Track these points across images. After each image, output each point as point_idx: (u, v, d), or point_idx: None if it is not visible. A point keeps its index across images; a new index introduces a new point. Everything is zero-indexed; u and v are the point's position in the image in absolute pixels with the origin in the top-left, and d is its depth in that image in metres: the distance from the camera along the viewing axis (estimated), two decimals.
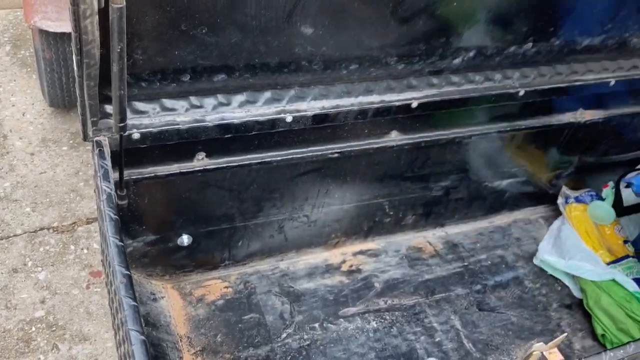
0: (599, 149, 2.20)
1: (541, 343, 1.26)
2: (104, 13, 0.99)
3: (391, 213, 2.01)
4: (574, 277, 2.10)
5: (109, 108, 1.23)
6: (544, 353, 1.22)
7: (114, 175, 1.26)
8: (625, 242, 2.18)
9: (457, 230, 2.20)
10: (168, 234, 1.66)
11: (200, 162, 1.52)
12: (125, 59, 1.04)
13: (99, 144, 1.21)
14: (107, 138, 1.23)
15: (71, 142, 3.11)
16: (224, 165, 1.55)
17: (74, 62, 1.03)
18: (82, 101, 1.18)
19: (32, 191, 2.82)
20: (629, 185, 2.17)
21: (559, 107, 1.95)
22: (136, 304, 0.93)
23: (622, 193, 2.26)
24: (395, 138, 1.76)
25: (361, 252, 2.06)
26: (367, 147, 1.73)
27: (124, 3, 0.97)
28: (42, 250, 2.62)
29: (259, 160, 1.59)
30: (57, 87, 3.06)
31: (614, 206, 2.24)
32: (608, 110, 2.05)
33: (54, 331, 2.34)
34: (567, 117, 1.99)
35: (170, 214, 1.61)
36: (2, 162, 2.93)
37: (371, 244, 2.08)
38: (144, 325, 1.54)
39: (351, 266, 2.01)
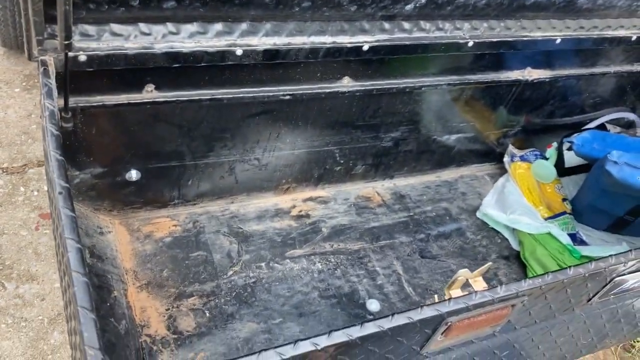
0: (545, 109, 2.28)
1: (466, 269, 1.33)
2: None
3: (341, 162, 2.05)
4: (513, 231, 2.20)
5: (55, 29, 1.22)
6: (469, 280, 1.29)
7: (59, 97, 1.25)
8: (564, 200, 2.28)
9: (405, 183, 2.26)
10: (116, 168, 1.67)
11: (150, 94, 1.52)
12: None
13: (43, 63, 1.20)
14: (52, 58, 1.23)
15: (24, 84, 3.04)
16: (174, 99, 1.55)
17: None
18: (26, 18, 1.16)
19: None
20: (570, 146, 2.26)
21: (507, 64, 2.01)
22: (79, 244, 0.94)
23: (565, 155, 2.36)
24: (347, 84, 1.79)
25: (311, 199, 2.10)
26: (319, 91, 1.75)
27: None
28: None
29: (209, 97, 1.60)
30: (9, 25, 2.97)
31: (556, 166, 2.34)
32: (554, 70, 2.12)
33: (0, 270, 2.32)
34: (515, 75, 2.06)
35: (118, 147, 1.61)
36: None
37: (321, 192, 2.12)
38: (89, 256, 1.55)
39: (300, 211, 2.05)
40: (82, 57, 1.27)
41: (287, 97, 1.71)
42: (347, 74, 1.76)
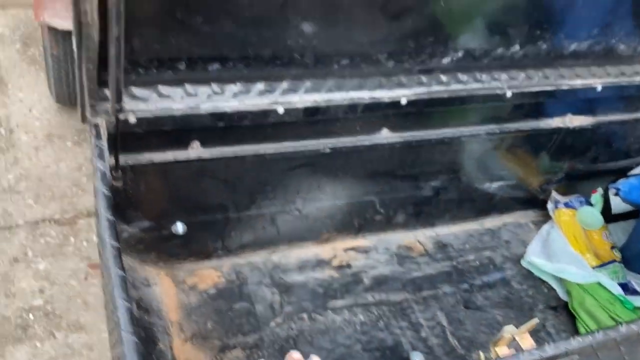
0: (588, 155, 2.25)
1: (512, 326, 1.31)
2: None
3: (382, 211, 2.06)
4: (560, 280, 2.14)
5: (107, 92, 1.29)
6: (516, 337, 1.26)
7: (110, 157, 1.31)
8: (613, 247, 2.22)
9: (447, 231, 2.24)
10: (163, 221, 1.72)
11: (195, 151, 1.57)
12: (123, 43, 1.10)
13: (96, 126, 1.27)
14: (104, 120, 1.29)
15: (76, 138, 3.18)
16: (218, 155, 1.60)
17: (74, 43, 1.09)
18: (81, 84, 1.24)
19: (36, 184, 2.89)
20: (617, 192, 2.21)
21: (547, 111, 2.00)
22: (128, 302, 0.98)
23: (611, 200, 2.30)
24: (386, 136, 1.81)
25: (352, 249, 2.10)
26: (358, 144, 1.78)
27: None
28: (43, 242, 2.68)
29: (253, 153, 1.65)
30: (63, 83, 3.13)
31: (602, 213, 2.28)
32: (596, 116, 2.10)
33: (51, 320, 2.39)
34: (555, 122, 2.04)
35: (165, 201, 1.67)
36: (7, 155, 3.00)
37: (362, 241, 2.12)
38: (136, 309, 1.59)
39: (341, 261, 2.05)
40: (132, 119, 1.33)
41: (328, 150, 1.74)
42: (386, 125, 1.79)
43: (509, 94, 1.74)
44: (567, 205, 2.31)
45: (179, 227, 1.76)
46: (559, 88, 1.82)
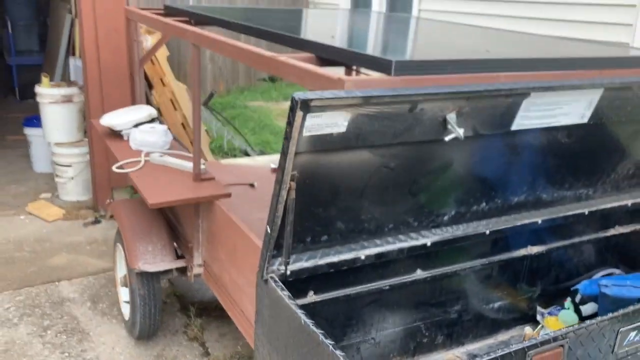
0: (552, 275, 3.25)
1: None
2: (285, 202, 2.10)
3: (427, 334, 2.91)
4: None
5: (276, 261, 2.25)
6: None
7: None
8: None
9: (473, 346, 3.08)
10: None
11: (311, 297, 2.48)
12: (292, 226, 2.12)
13: (272, 279, 2.20)
14: (275, 275, 2.23)
15: None
16: (324, 299, 2.51)
17: (267, 229, 2.10)
18: (264, 255, 2.20)
19: None
20: (578, 291, 3.15)
21: (513, 244, 3.05)
22: None
23: (580, 307, 3.24)
24: (419, 274, 2.78)
25: None
26: (404, 280, 2.73)
27: (293, 197, 2.09)
28: None
29: (343, 294, 2.57)
30: (148, 317, 3.99)
31: (576, 312, 3.20)
32: (546, 245, 3.16)
33: None
34: (521, 252, 3.08)
35: None
36: None
37: None
38: None
39: None
40: (288, 272, 2.28)
41: (387, 287, 2.68)
42: (419, 266, 2.77)
43: (487, 232, 2.80)
44: (550, 313, 3.22)
45: None
46: (516, 225, 2.89)
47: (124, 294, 4.27)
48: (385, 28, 3.70)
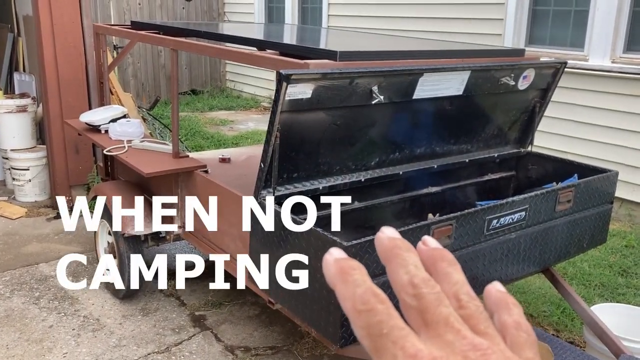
0: (447, 209, 4.51)
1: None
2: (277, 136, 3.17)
3: None
4: None
5: (266, 190, 3.31)
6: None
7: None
8: None
9: None
10: None
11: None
12: (278, 163, 3.19)
13: (264, 199, 3.25)
14: (267, 198, 3.28)
15: None
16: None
17: (261, 165, 3.16)
18: (258, 185, 3.25)
19: None
20: None
21: (419, 185, 4.28)
22: None
23: None
24: (356, 204, 3.94)
25: None
26: (345, 209, 3.87)
27: (279, 142, 3.18)
28: None
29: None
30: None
31: None
32: (442, 186, 4.42)
33: None
34: (424, 191, 4.32)
35: None
36: None
37: None
38: None
39: None
40: (276, 194, 3.34)
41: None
42: (356, 198, 3.92)
43: (401, 172, 4.01)
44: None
45: None
46: (419, 169, 4.13)
47: (107, 262, 5.08)
48: (314, 35, 4.88)
